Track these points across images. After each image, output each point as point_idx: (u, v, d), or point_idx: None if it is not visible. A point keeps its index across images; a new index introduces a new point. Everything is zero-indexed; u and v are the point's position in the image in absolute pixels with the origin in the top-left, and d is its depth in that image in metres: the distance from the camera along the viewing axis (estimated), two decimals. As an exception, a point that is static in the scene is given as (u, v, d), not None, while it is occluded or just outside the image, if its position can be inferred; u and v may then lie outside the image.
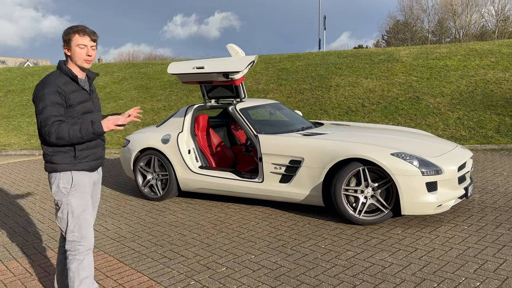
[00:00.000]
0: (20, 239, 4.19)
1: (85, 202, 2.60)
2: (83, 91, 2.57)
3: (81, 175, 2.57)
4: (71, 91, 2.49)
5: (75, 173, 2.54)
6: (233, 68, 4.79)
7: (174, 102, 12.70)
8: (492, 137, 8.40)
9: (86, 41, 2.49)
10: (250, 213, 4.76)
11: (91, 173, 2.64)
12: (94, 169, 2.65)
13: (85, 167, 2.58)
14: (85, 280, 2.59)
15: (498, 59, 11.92)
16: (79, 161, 2.55)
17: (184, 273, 3.30)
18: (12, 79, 16.84)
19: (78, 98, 2.52)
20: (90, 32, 2.51)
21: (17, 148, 10.57)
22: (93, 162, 2.63)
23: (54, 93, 2.42)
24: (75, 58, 2.50)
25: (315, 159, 4.35)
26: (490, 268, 3.12)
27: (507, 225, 3.97)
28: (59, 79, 2.48)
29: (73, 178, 2.54)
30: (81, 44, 2.48)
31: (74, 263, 2.56)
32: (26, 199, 5.81)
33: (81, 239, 2.57)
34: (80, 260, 2.57)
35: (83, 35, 2.48)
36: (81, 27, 2.50)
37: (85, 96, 2.57)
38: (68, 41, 2.49)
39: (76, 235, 2.55)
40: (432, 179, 3.94)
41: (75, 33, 2.47)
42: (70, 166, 2.53)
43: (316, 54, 15.33)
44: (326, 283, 3.02)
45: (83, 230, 2.57)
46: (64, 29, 2.53)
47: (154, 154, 5.39)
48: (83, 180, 2.58)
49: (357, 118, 10.08)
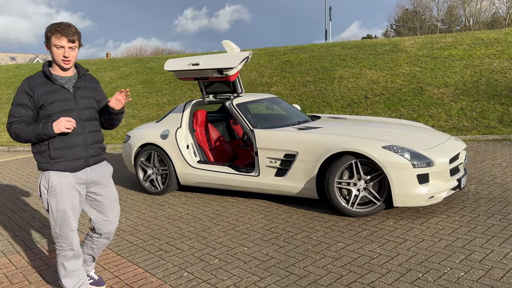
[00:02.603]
0: (24, 233, 4.35)
1: (65, 204, 2.55)
2: (62, 89, 2.53)
3: (58, 176, 2.53)
4: (46, 91, 2.48)
5: (52, 173, 2.53)
6: (227, 65, 4.86)
7: (178, 96, 12.82)
8: (495, 127, 8.36)
9: (63, 42, 2.43)
10: (247, 206, 4.86)
11: (73, 174, 2.57)
12: (76, 169, 2.56)
13: (63, 167, 2.52)
14: (72, 273, 2.68)
15: (504, 48, 11.78)
16: (55, 161, 2.51)
17: (178, 265, 3.41)
18: (21, 76, 17.10)
19: (54, 98, 2.48)
20: (68, 33, 2.42)
21: (24, 145, 10.79)
22: (73, 162, 2.55)
23: (22, 93, 2.47)
24: (54, 58, 2.49)
25: (309, 153, 4.41)
26: (476, 259, 3.17)
27: (499, 216, 4.01)
28: (35, 80, 2.50)
29: (50, 179, 2.52)
30: (58, 45, 2.43)
31: (60, 258, 2.66)
32: (32, 194, 5.98)
33: (62, 237, 2.60)
34: (65, 256, 2.65)
35: (60, 36, 2.41)
36: (61, 27, 2.42)
37: (65, 95, 2.53)
38: (47, 40, 2.46)
39: (57, 233, 2.60)
40: (423, 171, 3.98)
41: (52, 33, 2.42)
42: (48, 165, 2.53)
43: (321, 46, 15.28)
44: (314, 274, 3.11)
45: (63, 231, 2.59)
46: (47, 26, 2.48)
47: (154, 149, 5.51)
48: (61, 181, 2.53)
49: (360, 110, 10.08)
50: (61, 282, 2.71)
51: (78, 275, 2.72)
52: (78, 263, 2.73)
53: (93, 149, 2.67)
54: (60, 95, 2.52)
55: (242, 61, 4.89)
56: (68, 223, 2.58)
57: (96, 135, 2.70)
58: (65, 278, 2.69)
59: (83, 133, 2.61)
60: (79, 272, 2.73)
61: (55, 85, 2.53)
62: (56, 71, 2.57)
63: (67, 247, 2.63)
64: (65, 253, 2.64)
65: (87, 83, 2.68)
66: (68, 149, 2.54)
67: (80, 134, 2.59)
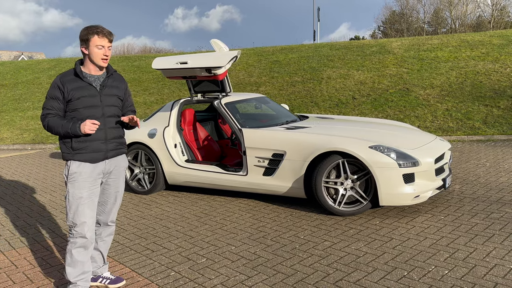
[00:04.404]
0: (21, 231, 4.28)
1: (82, 191, 2.73)
2: (90, 86, 2.73)
3: (79, 165, 2.73)
4: (74, 87, 2.69)
5: (73, 162, 2.74)
6: (216, 63, 4.86)
7: (166, 95, 12.75)
8: (479, 128, 8.51)
9: (104, 42, 2.67)
10: (235, 205, 4.86)
11: (93, 164, 2.77)
12: (95, 160, 2.77)
13: (83, 158, 2.73)
14: (76, 263, 2.78)
15: (489, 50, 11.99)
16: (77, 152, 2.73)
17: (165, 264, 3.40)
18: (5, 73, 16.82)
19: (81, 94, 2.69)
20: (107, 33, 2.68)
21: (9, 143, 10.62)
22: (91, 154, 2.75)
23: (55, 87, 2.70)
24: (93, 57, 2.69)
25: (296, 152, 4.44)
26: (460, 257, 3.23)
27: (482, 215, 4.08)
28: (66, 76, 2.72)
29: (70, 167, 2.74)
30: (99, 45, 2.66)
31: (69, 245, 2.79)
32: (36, 192, 5.89)
33: (75, 225, 2.74)
34: (74, 243, 2.77)
35: (102, 37, 2.65)
36: (100, 29, 2.67)
37: (91, 92, 2.73)
38: (86, 41, 2.66)
39: (71, 220, 2.75)
40: (409, 171, 4.04)
41: (94, 34, 2.64)
42: (70, 156, 2.75)
43: (309, 46, 15.35)
44: (301, 272, 3.13)
45: (76, 218, 2.74)
46: (82, 29, 2.70)
47: (141, 148, 5.47)
48: (82, 170, 2.73)
49: (347, 110, 10.16)
50: (65, 270, 2.81)
51: (82, 267, 2.80)
52: (86, 254, 2.82)
53: (112, 143, 2.85)
54: (87, 91, 2.72)
55: (231, 60, 4.89)
56: (82, 210, 2.73)
57: (116, 131, 2.89)
58: (69, 266, 2.80)
59: (105, 129, 2.80)
60: (84, 264, 2.81)
61: (83, 82, 2.73)
62: (87, 70, 2.76)
63: (78, 235, 2.75)
64: (74, 240, 2.76)
65: (114, 81, 2.87)
66: (89, 142, 2.74)
67: (102, 129, 2.78)
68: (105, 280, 3.06)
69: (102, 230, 3.03)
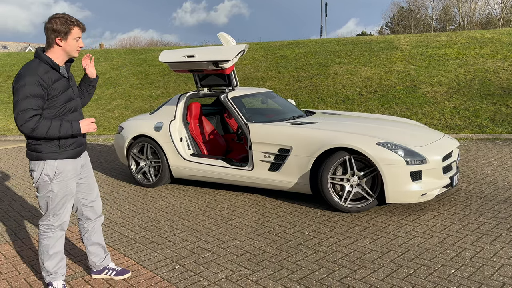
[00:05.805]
0: (14, 223, 4.30)
1: (67, 189, 2.70)
2: (64, 79, 2.62)
3: (64, 163, 2.67)
4: (53, 80, 2.53)
5: (59, 161, 2.64)
6: (223, 57, 4.82)
7: (172, 89, 12.73)
8: (487, 127, 8.43)
9: (81, 34, 2.62)
10: (240, 200, 4.85)
11: (74, 160, 2.73)
12: (78, 155, 2.74)
13: (69, 154, 2.68)
14: (54, 255, 2.77)
15: (498, 48, 11.85)
16: (64, 150, 2.65)
17: (170, 257, 3.40)
18: (12, 64, 16.88)
19: (60, 87, 2.57)
20: (83, 24, 2.64)
21: (16, 134, 10.67)
22: (76, 149, 2.72)
23: (35, 85, 2.43)
24: (69, 49, 2.58)
25: (303, 148, 4.41)
26: (467, 256, 3.20)
27: (490, 214, 4.04)
28: (40, 69, 2.48)
29: (56, 166, 2.63)
30: (77, 37, 2.59)
31: (45, 240, 2.74)
32: (22, 184, 5.91)
33: (57, 218, 2.71)
34: (52, 238, 2.74)
35: (80, 29, 2.59)
36: (76, 20, 2.59)
37: (66, 84, 2.63)
38: (66, 33, 2.53)
39: (51, 219, 2.71)
40: (416, 169, 4.00)
41: (75, 26, 2.56)
42: (55, 154, 2.62)
43: (316, 42, 15.26)
44: (306, 268, 3.11)
45: (62, 215, 2.72)
46: (54, 20, 2.51)
47: (147, 141, 5.46)
48: (66, 168, 2.67)
49: (354, 106, 10.10)
50: (43, 265, 2.78)
51: (58, 257, 2.81)
52: (62, 242, 2.81)
53: (85, 136, 2.84)
54: (64, 84, 2.62)
55: (238, 54, 4.86)
56: (69, 206, 2.74)
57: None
58: (48, 260, 2.77)
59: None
60: (59, 254, 2.81)
61: (59, 75, 2.60)
62: (58, 61, 2.60)
63: (58, 228, 2.74)
64: (52, 234, 2.74)
65: (69, 73, 2.77)
66: (75, 138, 2.71)
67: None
68: (110, 272, 3.06)
69: (94, 223, 2.98)
